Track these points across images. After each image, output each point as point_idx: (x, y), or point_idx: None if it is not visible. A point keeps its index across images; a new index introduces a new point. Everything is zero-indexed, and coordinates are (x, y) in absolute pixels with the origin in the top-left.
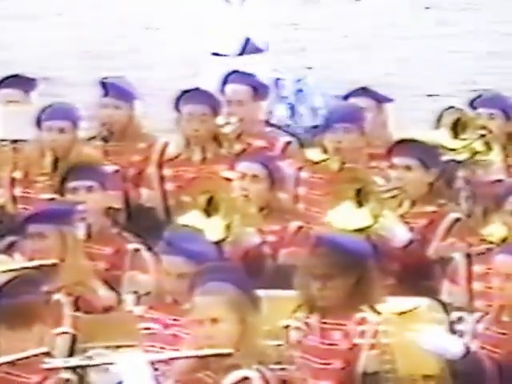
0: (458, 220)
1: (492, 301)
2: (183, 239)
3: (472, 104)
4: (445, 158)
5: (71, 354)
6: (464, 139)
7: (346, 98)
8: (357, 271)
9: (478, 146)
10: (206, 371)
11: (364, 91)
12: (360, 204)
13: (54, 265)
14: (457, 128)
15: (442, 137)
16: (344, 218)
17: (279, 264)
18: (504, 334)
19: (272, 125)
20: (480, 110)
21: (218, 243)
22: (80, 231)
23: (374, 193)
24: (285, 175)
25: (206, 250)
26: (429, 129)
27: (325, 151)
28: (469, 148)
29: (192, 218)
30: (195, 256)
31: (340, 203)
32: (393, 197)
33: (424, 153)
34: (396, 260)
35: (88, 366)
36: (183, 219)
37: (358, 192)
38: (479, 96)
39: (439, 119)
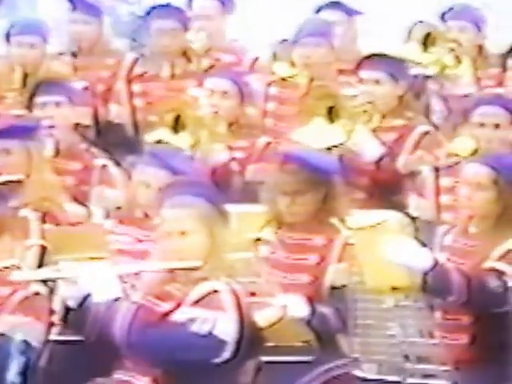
0: (426, 133)
1: (459, 213)
2: (168, 154)
3: (443, 17)
4: (414, 71)
5: (41, 267)
6: (433, 53)
7: (317, 11)
8: (325, 187)
9: (448, 60)
10: (175, 284)
11: (335, 4)
12: (332, 120)
13: (19, 181)
14: (427, 42)
15: (411, 51)
16: (316, 136)
17: (247, 180)
18: (471, 245)
19: None
20: (450, 23)
21: None
22: (48, 147)
23: (345, 108)
24: (253, 90)
25: (190, 170)
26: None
27: (293, 66)
28: (438, 62)
29: (160, 135)
30: (180, 173)
31: (311, 120)
32: (363, 111)
33: (392, 66)
34: (367, 175)
35: (57, 278)
36: (151, 136)
37: (330, 109)
38: (451, 9)
39: (409, 33)
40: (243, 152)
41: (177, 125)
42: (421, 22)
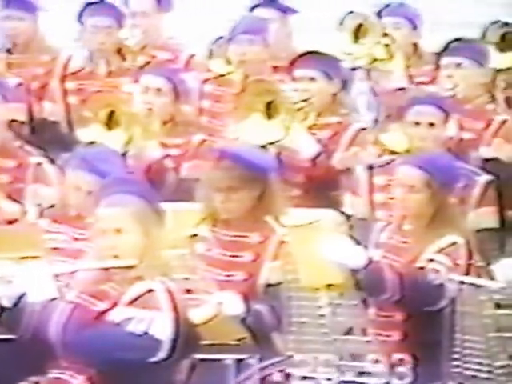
0: (361, 130)
1: (393, 211)
2: (98, 158)
3: (379, 13)
4: (344, 63)
5: None
6: (364, 44)
7: (252, 9)
8: (260, 184)
9: (378, 52)
10: (110, 283)
11: (269, 2)
12: (270, 116)
13: None
14: (358, 33)
15: (342, 41)
16: (254, 132)
17: (182, 177)
18: (406, 242)
19: None
20: (385, 19)
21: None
22: None
23: (284, 104)
24: (189, 88)
25: (120, 173)
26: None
27: (229, 63)
28: (368, 54)
29: (93, 132)
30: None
31: (248, 116)
32: (299, 109)
33: (326, 64)
34: (302, 172)
35: None
36: (85, 133)
37: (268, 104)
38: (387, 6)
39: (341, 24)
40: (178, 149)
41: (110, 121)
42: (351, 12)
